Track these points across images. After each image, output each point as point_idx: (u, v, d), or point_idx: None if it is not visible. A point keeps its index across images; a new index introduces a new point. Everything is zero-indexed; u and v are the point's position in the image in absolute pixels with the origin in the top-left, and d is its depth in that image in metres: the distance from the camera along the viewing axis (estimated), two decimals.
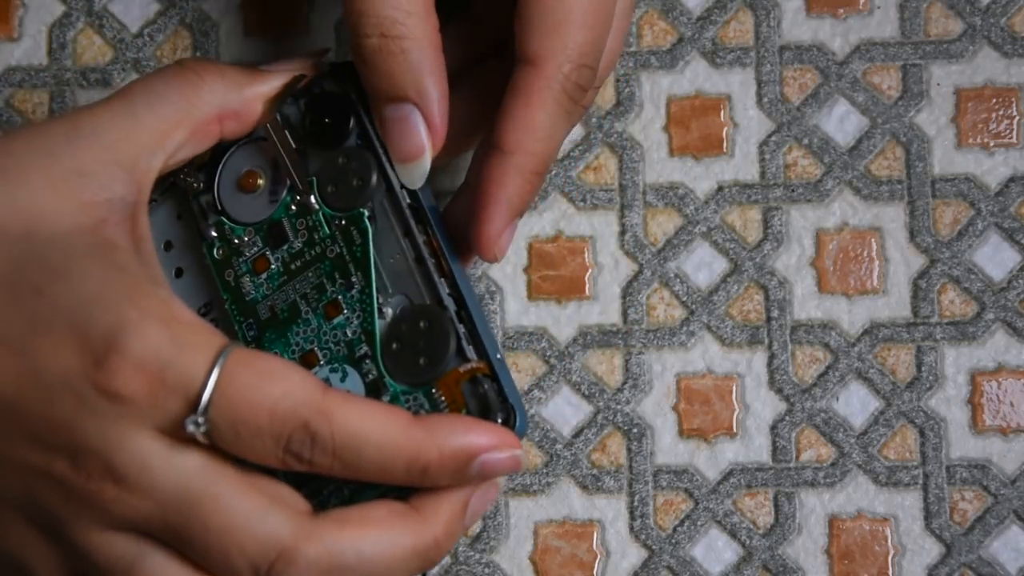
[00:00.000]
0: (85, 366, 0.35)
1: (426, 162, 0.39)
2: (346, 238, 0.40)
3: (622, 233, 0.47)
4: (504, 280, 0.47)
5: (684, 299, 0.47)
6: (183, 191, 0.41)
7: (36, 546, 0.37)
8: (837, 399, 0.47)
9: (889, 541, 0.46)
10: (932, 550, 0.46)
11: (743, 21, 0.48)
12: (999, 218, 0.47)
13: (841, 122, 0.48)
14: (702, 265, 0.47)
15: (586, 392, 0.47)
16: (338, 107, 0.40)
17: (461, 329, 0.38)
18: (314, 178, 0.40)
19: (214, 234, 0.41)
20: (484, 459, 0.36)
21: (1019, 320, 0.47)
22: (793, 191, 0.48)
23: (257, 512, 0.35)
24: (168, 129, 0.39)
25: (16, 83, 0.48)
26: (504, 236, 0.39)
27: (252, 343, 0.40)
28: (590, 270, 0.47)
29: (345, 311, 0.40)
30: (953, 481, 0.46)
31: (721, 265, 0.47)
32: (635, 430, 0.47)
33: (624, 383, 0.47)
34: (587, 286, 0.47)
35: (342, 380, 0.39)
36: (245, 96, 0.40)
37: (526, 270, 0.47)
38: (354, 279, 0.39)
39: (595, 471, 0.47)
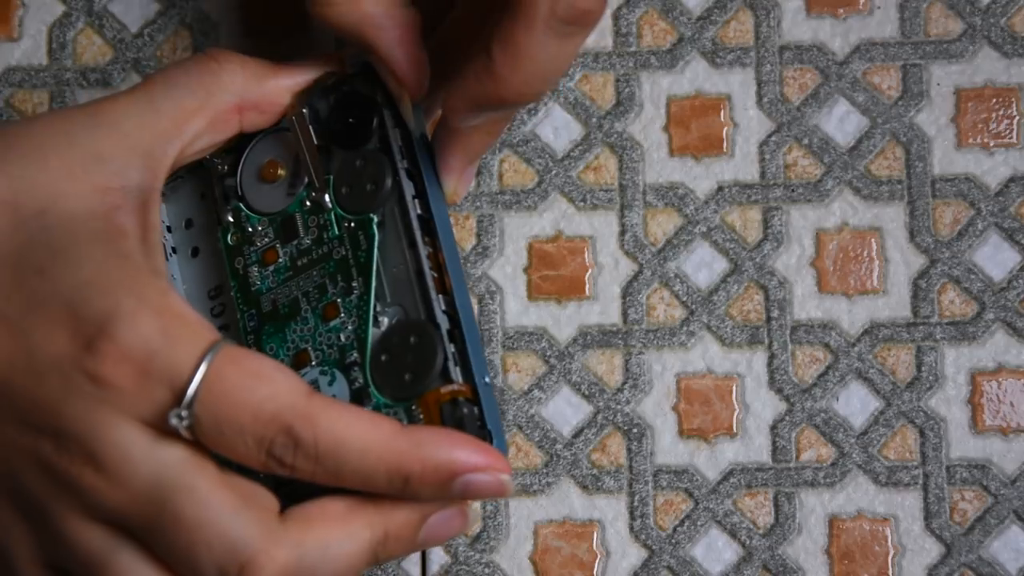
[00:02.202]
0: (76, 349, 0.35)
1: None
2: (353, 241, 0.39)
3: (622, 233, 0.47)
4: (504, 280, 0.47)
5: (684, 299, 0.47)
6: (208, 171, 0.41)
7: (17, 529, 0.37)
8: (837, 399, 0.47)
9: (889, 541, 0.46)
10: (932, 550, 0.46)
11: (743, 21, 0.48)
12: (999, 218, 0.47)
13: (841, 122, 0.48)
14: (702, 265, 0.47)
15: (586, 392, 0.47)
16: (364, 108, 0.40)
17: (450, 349, 0.38)
18: (331, 176, 0.40)
19: (230, 219, 0.41)
20: (468, 479, 0.36)
21: (1019, 320, 0.47)
22: (793, 191, 0.48)
23: (229, 511, 0.35)
24: (186, 117, 0.39)
25: (16, 83, 0.48)
26: (464, 177, 0.40)
27: (251, 334, 0.40)
28: (590, 270, 0.47)
29: (342, 315, 0.39)
30: (953, 481, 0.46)
31: (721, 265, 0.47)
32: (635, 430, 0.47)
33: (624, 383, 0.47)
34: (587, 286, 0.47)
35: (330, 384, 0.39)
36: (266, 88, 0.40)
37: (526, 270, 0.47)
38: (355, 284, 0.39)
39: (595, 471, 0.47)
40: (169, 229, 0.42)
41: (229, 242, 0.41)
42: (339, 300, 0.39)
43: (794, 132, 0.48)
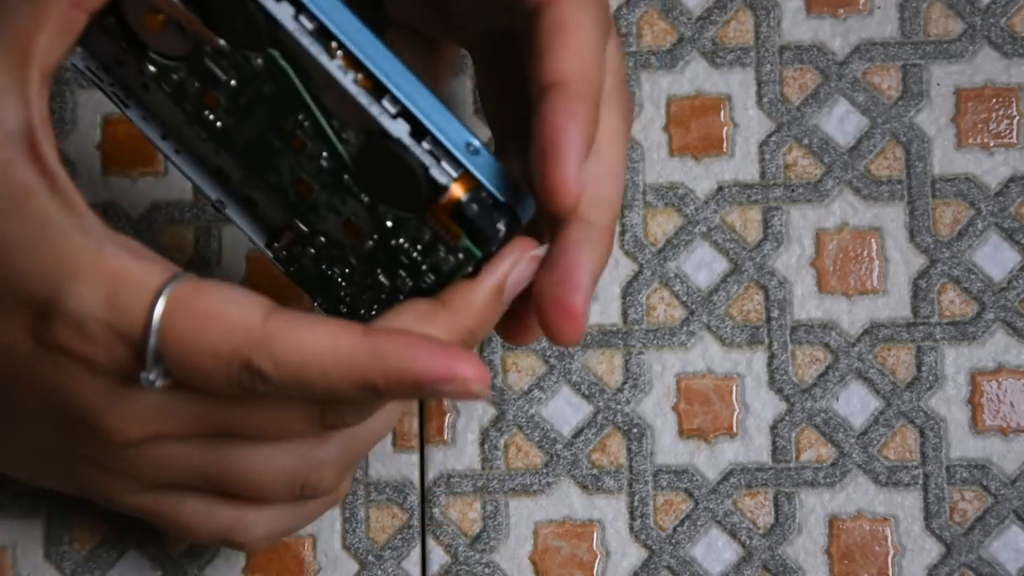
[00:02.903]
0: (28, 333, 0.34)
1: None
2: (271, 76, 0.36)
3: (622, 233, 0.47)
4: None
5: (684, 299, 0.47)
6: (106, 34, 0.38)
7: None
8: (837, 399, 0.47)
9: (889, 541, 0.46)
10: (932, 550, 0.46)
11: (743, 21, 0.48)
12: (999, 218, 0.47)
13: (841, 122, 0.48)
14: (702, 265, 0.47)
15: (586, 392, 0.47)
16: None
17: (423, 150, 0.35)
18: (206, 19, 0.36)
19: (152, 69, 0.38)
20: (435, 388, 0.34)
21: (1019, 320, 0.47)
22: (793, 191, 0.48)
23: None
24: (27, 40, 0.35)
25: None
26: (579, 178, 0.35)
27: (244, 169, 0.39)
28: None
29: (309, 144, 0.37)
30: (953, 481, 0.46)
31: (721, 265, 0.47)
32: (635, 430, 0.47)
33: (624, 383, 0.47)
34: None
35: (343, 204, 0.38)
36: None
37: None
38: (300, 117, 0.37)
39: (595, 471, 0.47)
40: (106, 70, 0.40)
41: (166, 89, 0.38)
42: (298, 132, 0.37)
43: (794, 132, 0.48)
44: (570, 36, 0.36)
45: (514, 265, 0.37)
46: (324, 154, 0.37)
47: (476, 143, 0.35)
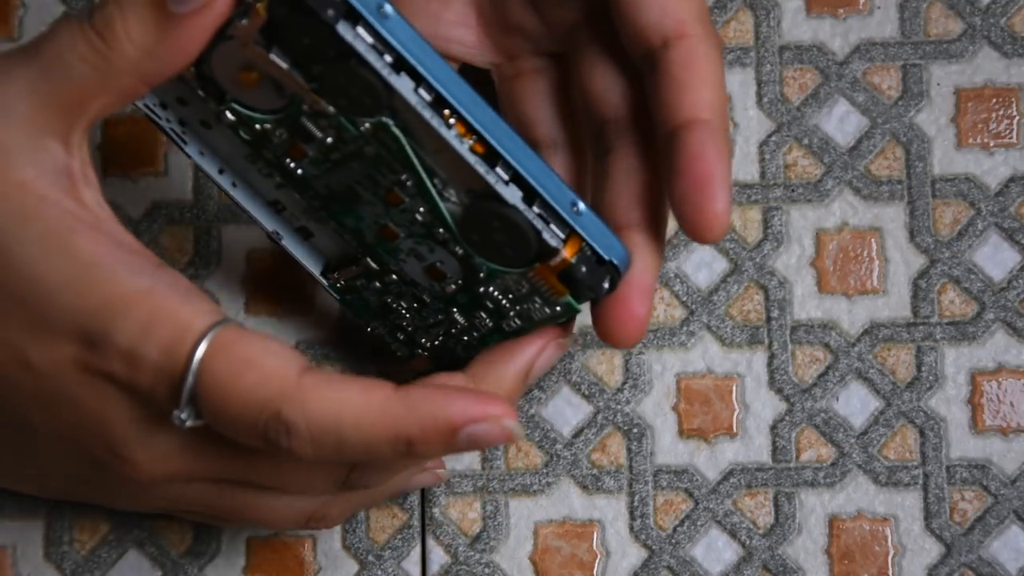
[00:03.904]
0: (75, 365, 0.35)
1: None
2: (379, 141, 0.36)
3: None
4: None
5: (684, 299, 0.47)
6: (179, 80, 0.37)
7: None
8: (837, 399, 0.47)
9: (889, 541, 0.46)
10: (932, 550, 0.46)
11: (743, 21, 0.48)
12: (999, 218, 0.47)
13: (841, 122, 0.48)
14: (702, 265, 0.47)
15: (586, 392, 0.47)
16: (312, 23, 0.34)
17: (534, 214, 0.36)
18: (316, 86, 0.35)
19: (231, 117, 0.37)
20: (470, 431, 0.35)
21: (1019, 320, 0.47)
22: (793, 191, 0.48)
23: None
24: (85, 98, 0.35)
25: None
26: (728, 209, 0.37)
27: (321, 210, 0.39)
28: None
29: (406, 200, 0.37)
30: (953, 481, 0.46)
31: (721, 265, 0.47)
32: (635, 430, 0.47)
33: (624, 383, 0.47)
34: None
35: (431, 252, 0.38)
36: (168, 59, 0.35)
37: None
38: (404, 177, 0.37)
39: (595, 471, 0.47)
40: (164, 106, 0.39)
41: (244, 136, 0.38)
42: (396, 189, 0.37)
43: (794, 132, 0.48)
44: (704, 72, 0.38)
45: (541, 352, 0.39)
46: (421, 209, 0.37)
47: (580, 204, 0.36)
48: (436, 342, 0.42)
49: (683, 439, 0.47)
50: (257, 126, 0.37)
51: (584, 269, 0.37)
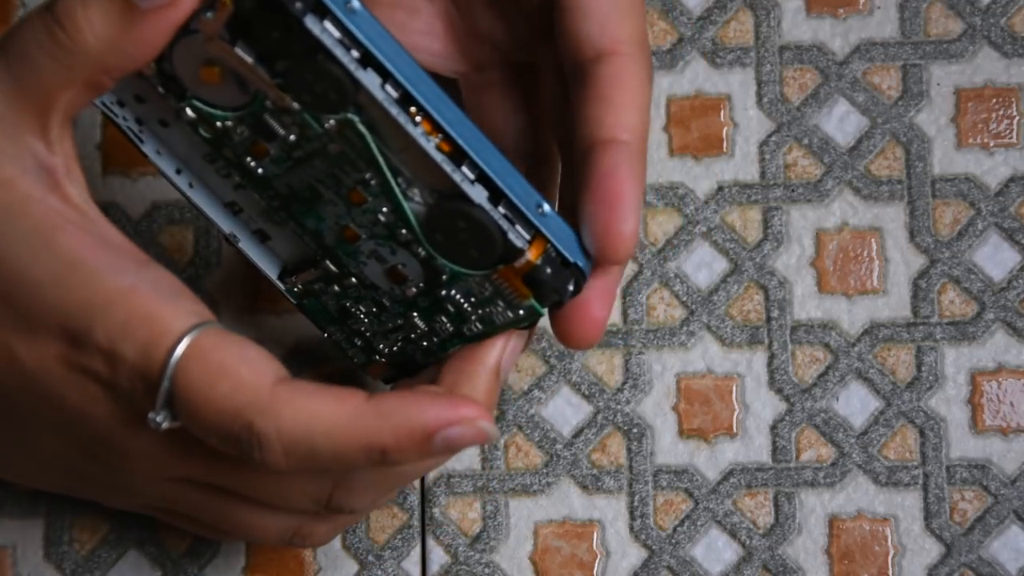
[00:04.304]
0: (62, 362, 0.35)
1: None
2: (343, 138, 0.35)
3: None
4: None
5: (684, 299, 0.47)
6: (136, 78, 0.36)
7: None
8: (837, 399, 0.47)
9: (889, 541, 0.46)
10: (932, 550, 0.46)
11: (743, 21, 0.48)
12: (999, 218, 0.47)
13: (841, 122, 0.48)
14: (702, 265, 0.47)
15: (586, 392, 0.47)
16: (277, 17, 0.34)
17: (499, 214, 0.36)
18: (280, 82, 0.35)
19: (192, 114, 0.36)
20: (445, 435, 0.35)
21: (1019, 320, 0.47)
22: (793, 191, 0.48)
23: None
24: (53, 91, 0.35)
25: None
26: (637, 230, 0.37)
27: (280, 211, 0.38)
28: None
29: (370, 200, 0.37)
30: (953, 481, 0.46)
31: (721, 265, 0.47)
32: (635, 430, 0.47)
33: (624, 383, 0.47)
34: None
35: (392, 254, 0.38)
36: (133, 49, 0.34)
37: None
38: (368, 175, 0.36)
39: (595, 471, 0.47)
40: (121, 104, 0.38)
41: (204, 134, 0.37)
42: (359, 188, 0.37)
43: (794, 132, 0.48)
44: (630, 93, 0.37)
45: (505, 347, 0.39)
46: (384, 209, 0.37)
47: (546, 206, 0.36)
48: (394, 348, 0.41)
49: (683, 439, 0.47)
50: (218, 123, 0.36)
51: (549, 271, 0.36)
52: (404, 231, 0.37)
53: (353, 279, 0.40)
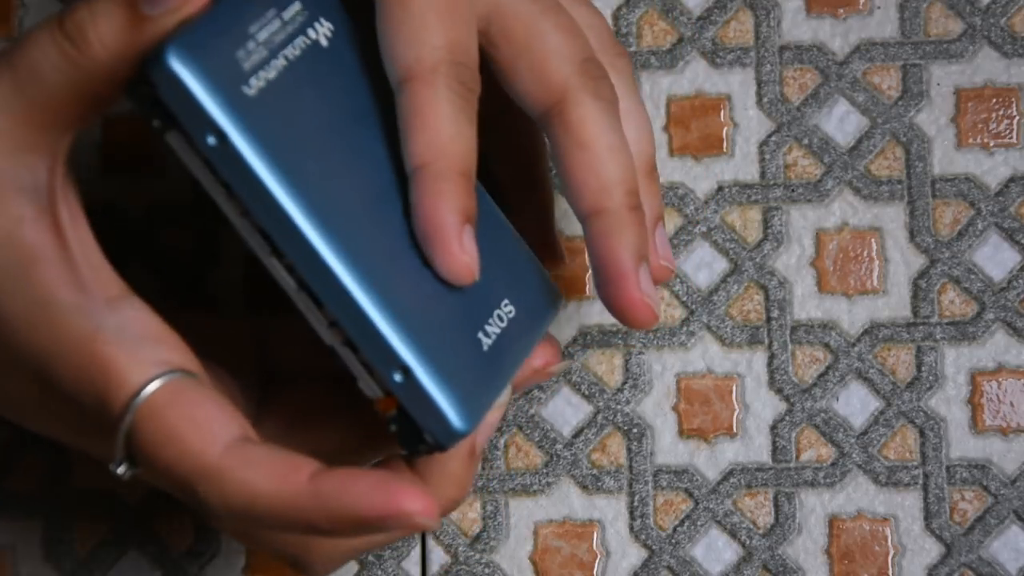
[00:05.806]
0: (38, 391, 0.36)
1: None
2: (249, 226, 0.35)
3: None
4: None
5: (684, 299, 0.47)
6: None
7: None
8: (837, 399, 0.47)
9: (889, 541, 0.46)
10: (932, 550, 0.46)
11: (743, 21, 0.48)
12: (999, 218, 0.47)
13: (841, 122, 0.48)
14: (702, 265, 0.47)
15: (586, 392, 0.47)
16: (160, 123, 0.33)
17: (352, 363, 0.35)
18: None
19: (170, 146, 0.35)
20: (379, 525, 0.34)
21: (1019, 320, 0.47)
22: (793, 191, 0.48)
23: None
24: (59, 107, 0.34)
25: None
26: (650, 291, 0.37)
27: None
28: (589, 270, 0.47)
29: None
30: (953, 481, 0.46)
31: (721, 265, 0.47)
32: (635, 430, 0.47)
33: (624, 383, 0.47)
34: (587, 286, 0.47)
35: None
36: (138, 47, 0.34)
37: None
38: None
39: (595, 471, 0.47)
40: None
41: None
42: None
43: (794, 132, 0.48)
44: (596, 143, 0.36)
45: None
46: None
47: (412, 364, 0.34)
48: None
49: (683, 439, 0.47)
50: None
51: (395, 428, 0.35)
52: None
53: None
